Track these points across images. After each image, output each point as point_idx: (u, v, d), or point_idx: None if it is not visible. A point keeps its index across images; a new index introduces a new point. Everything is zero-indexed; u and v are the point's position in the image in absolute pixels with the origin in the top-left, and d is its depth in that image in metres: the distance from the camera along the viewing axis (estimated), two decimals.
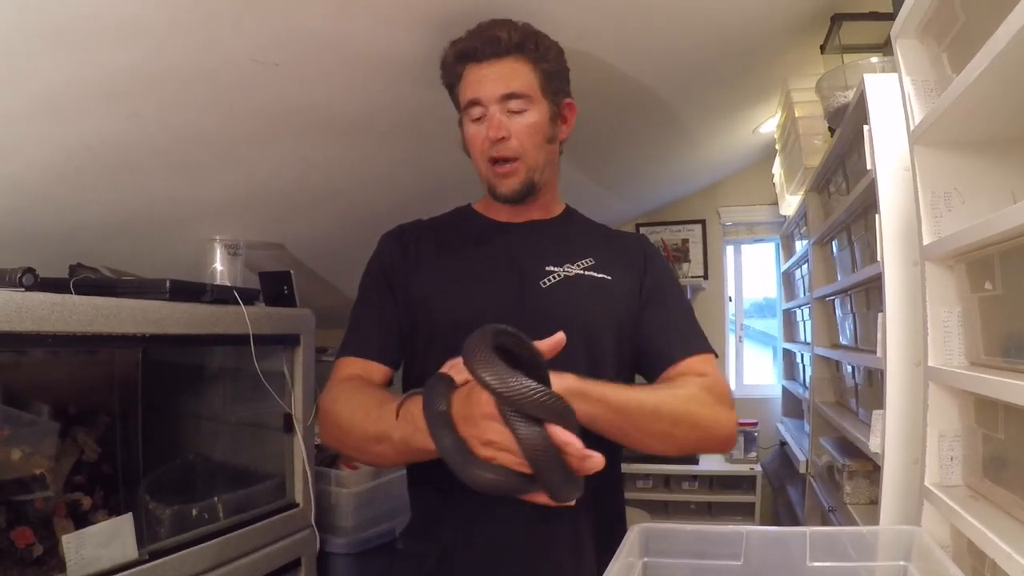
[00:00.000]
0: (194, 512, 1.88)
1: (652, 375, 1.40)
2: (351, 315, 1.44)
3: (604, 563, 1.04)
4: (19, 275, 1.45)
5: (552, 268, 1.39)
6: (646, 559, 1.18)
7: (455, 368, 1.06)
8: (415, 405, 1.07)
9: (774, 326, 4.73)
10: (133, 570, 1.58)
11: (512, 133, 1.36)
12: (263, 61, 1.49)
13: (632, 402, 1.16)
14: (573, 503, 1.01)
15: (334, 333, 1.58)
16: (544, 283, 1.37)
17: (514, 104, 1.36)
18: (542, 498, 1.00)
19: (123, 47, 1.32)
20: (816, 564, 1.14)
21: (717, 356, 1.40)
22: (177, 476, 1.99)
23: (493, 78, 1.37)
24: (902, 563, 1.12)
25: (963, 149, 1.30)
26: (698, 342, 1.39)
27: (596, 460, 0.96)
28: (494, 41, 1.37)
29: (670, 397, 1.23)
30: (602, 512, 1.39)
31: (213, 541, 1.80)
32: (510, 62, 1.38)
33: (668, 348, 1.38)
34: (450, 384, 1.04)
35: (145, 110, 1.53)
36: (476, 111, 1.38)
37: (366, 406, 1.22)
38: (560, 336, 1.06)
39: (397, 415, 1.12)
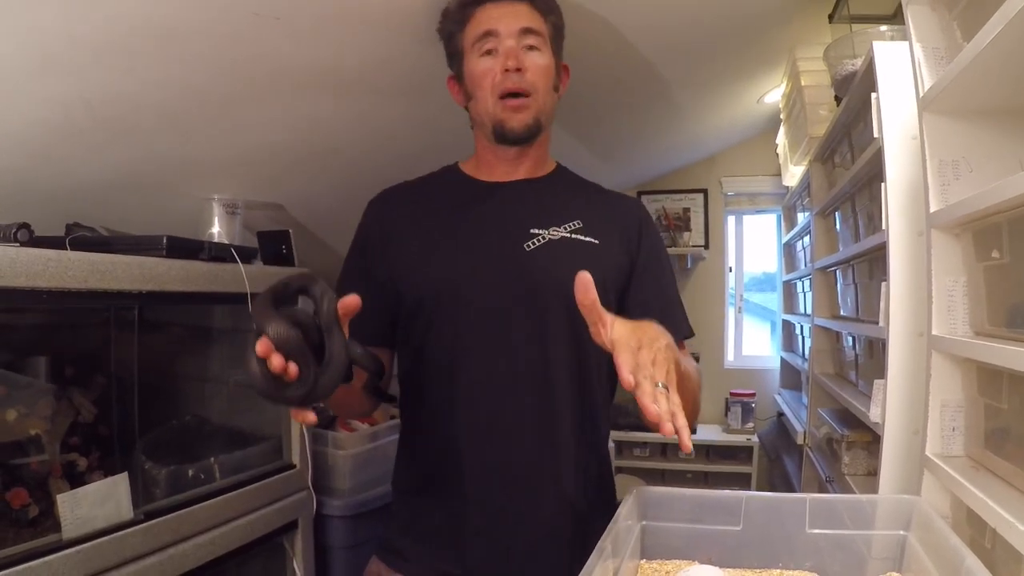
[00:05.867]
0: (190, 473, 1.88)
1: None
2: (336, 286, 1.42)
3: (590, 527, 1.04)
4: (14, 230, 1.44)
5: (536, 231, 1.37)
6: (644, 522, 1.18)
7: None
8: None
9: (772, 300, 4.73)
10: (128, 530, 1.58)
11: (527, 67, 1.35)
12: (264, 15, 1.46)
13: (690, 378, 1.21)
14: None
15: None
16: (528, 246, 1.35)
17: (531, 39, 1.37)
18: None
19: (121, 0, 1.30)
20: (815, 531, 1.14)
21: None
22: (173, 437, 1.99)
23: (511, 14, 1.37)
24: (901, 532, 1.12)
25: (972, 117, 1.28)
26: (686, 326, 1.44)
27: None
28: None
29: (696, 375, 1.30)
30: (587, 472, 1.39)
31: (209, 502, 1.80)
32: (525, 6, 1.38)
33: (679, 324, 1.41)
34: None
35: (143, 66, 1.51)
36: (489, 43, 1.36)
37: None
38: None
39: None
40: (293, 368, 0.95)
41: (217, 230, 2.16)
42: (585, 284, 1.01)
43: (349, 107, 2.01)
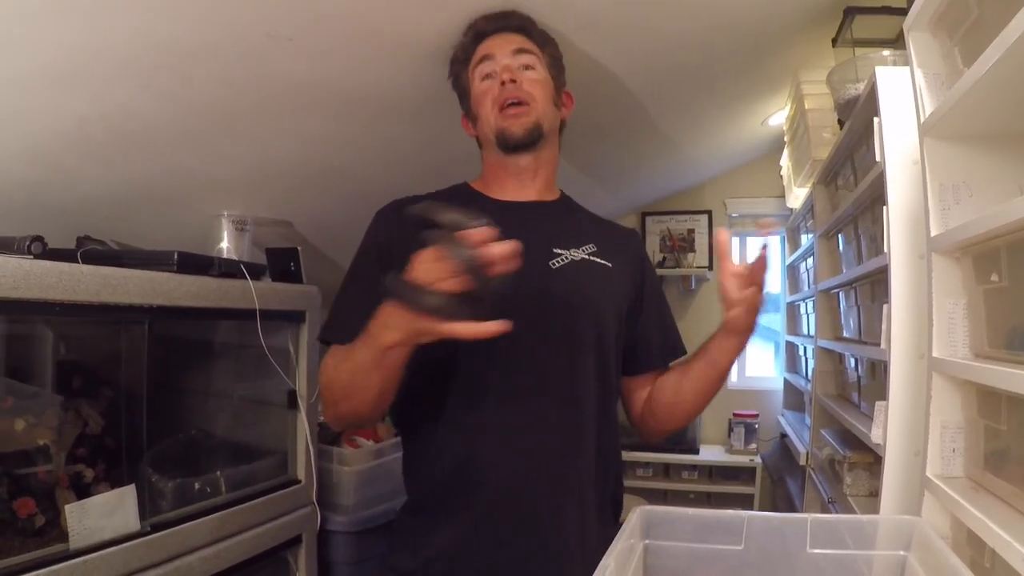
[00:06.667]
0: (196, 486, 1.89)
1: (649, 367, 1.52)
2: (340, 293, 1.41)
3: (605, 536, 1.05)
4: (27, 243, 1.46)
5: (559, 250, 1.41)
6: (647, 541, 1.18)
7: None
8: (372, 321, 1.10)
9: (775, 321, 4.73)
10: (135, 542, 1.59)
11: (523, 80, 1.43)
12: (276, 36, 1.49)
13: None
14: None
15: None
16: (553, 264, 1.39)
17: (525, 58, 1.46)
18: (467, 329, 1.02)
19: (138, 16, 1.33)
20: (816, 551, 1.14)
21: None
22: (180, 450, 2.00)
23: (506, 40, 1.48)
24: (902, 552, 1.12)
25: (973, 142, 1.29)
26: (683, 347, 1.56)
27: (501, 248, 1.00)
28: (507, 16, 1.51)
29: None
30: (605, 484, 1.42)
31: (215, 515, 1.82)
32: (520, 35, 1.50)
33: (678, 344, 1.55)
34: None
35: (157, 81, 1.54)
36: (487, 66, 1.46)
37: (343, 354, 1.23)
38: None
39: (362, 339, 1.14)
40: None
41: (226, 245, 2.18)
42: (726, 233, 1.29)
43: (358, 127, 2.04)
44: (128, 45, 1.39)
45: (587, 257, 1.43)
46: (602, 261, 1.44)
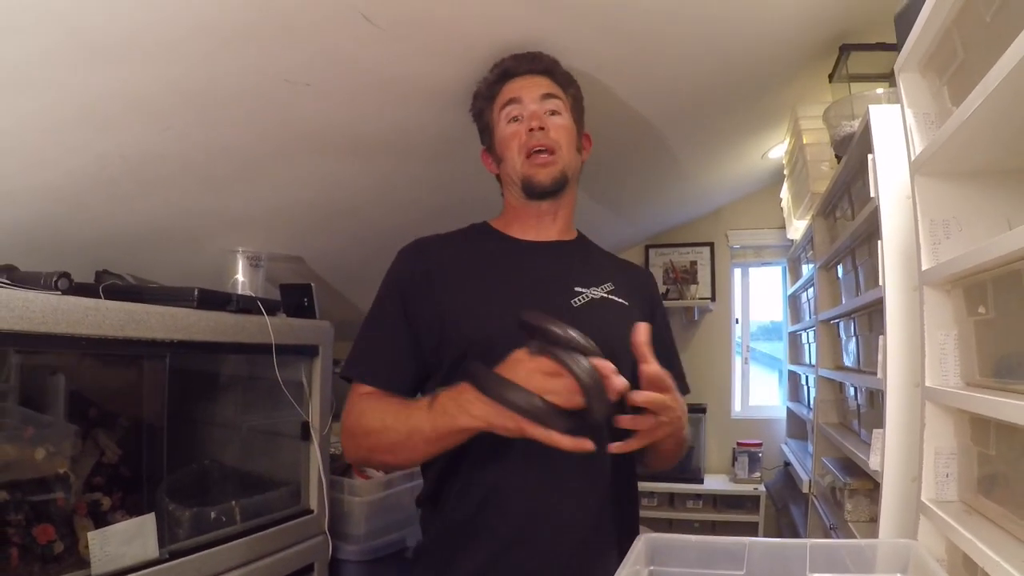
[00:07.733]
0: (212, 515, 1.92)
1: None
2: (364, 329, 1.44)
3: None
4: (55, 279, 1.51)
5: (580, 289, 1.44)
6: (652, 568, 1.21)
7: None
8: (445, 397, 1.18)
9: (779, 349, 4.76)
10: (154, 568, 1.62)
11: (550, 127, 1.46)
12: (295, 82, 1.55)
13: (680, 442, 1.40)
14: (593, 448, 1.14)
15: (350, 346, 1.61)
16: (575, 302, 1.42)
17: (551, 104, 1.49)
18: (564, 440, 1.11)
19: (163, 65, 1.39)
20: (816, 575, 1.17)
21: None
22: (196, 480, 2.03)
23: (534, 84, 1.50)
24: (899, 575, 1.16)
25: (961, 179, 1.33)
26: (685, 385, 1.51)
27: (621, 382, 1.10)
28: (534, 59, 1.54)
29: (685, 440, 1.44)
30: (624, 515, 1.44)
31: (231, 543, 1.85)
32: (546, 78, 1.52)
33: (681, 384, 1.47)
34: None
35: (179, 124, 1.59)
36: (514, 109, 1.49)
37: (394, 410, 1.29)
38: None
39: (429, 409, 1.21)
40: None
41: (241, 280, 2.22)
42: (644, 328, 1.21)
43: (370, 167, 2.09)
44: (151, 90, 1.46)
45: (606, 296, 1.45)
46: (619, 299, 1.47)
